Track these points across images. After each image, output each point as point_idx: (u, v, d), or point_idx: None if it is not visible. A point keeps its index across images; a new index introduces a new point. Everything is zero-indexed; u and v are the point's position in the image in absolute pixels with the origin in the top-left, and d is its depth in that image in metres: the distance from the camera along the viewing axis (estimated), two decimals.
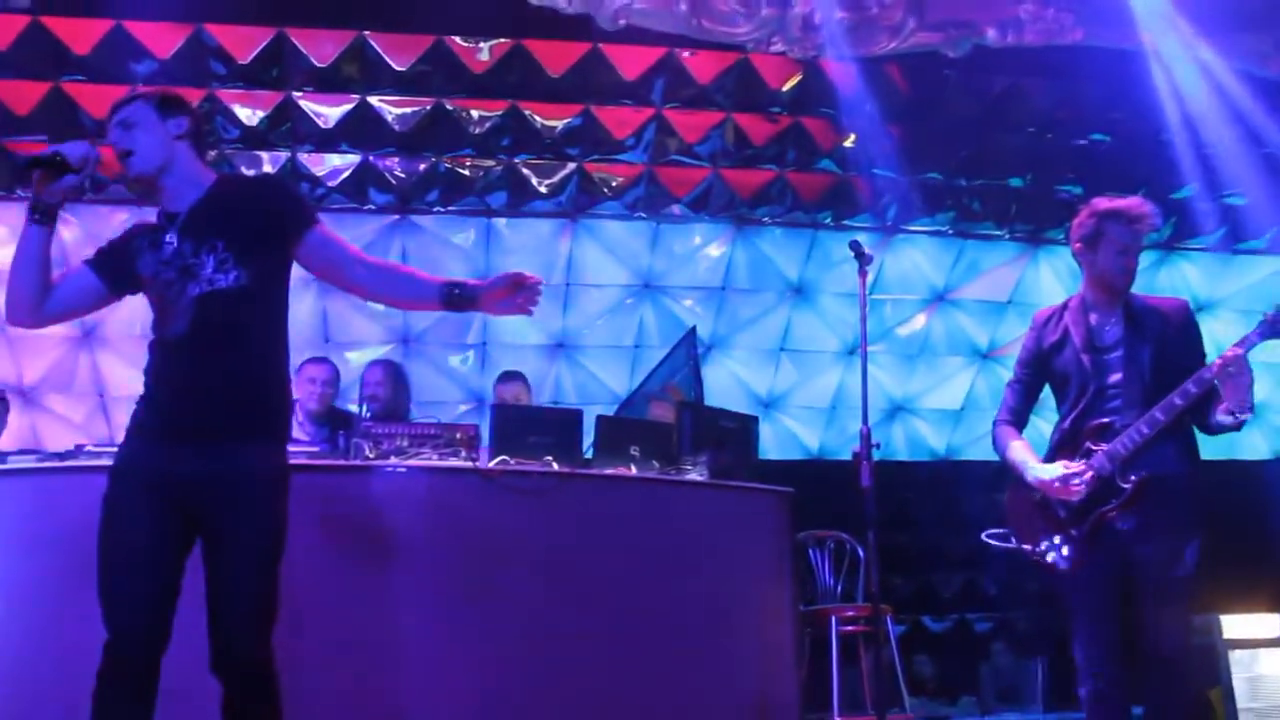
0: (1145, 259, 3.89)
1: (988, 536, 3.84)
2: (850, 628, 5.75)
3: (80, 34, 6.38)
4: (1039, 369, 3.76)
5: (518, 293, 2.90)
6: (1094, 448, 3.54)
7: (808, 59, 6.82)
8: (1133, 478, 3.47)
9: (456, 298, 2.90)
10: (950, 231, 8.09)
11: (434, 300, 2.93)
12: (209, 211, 2.85)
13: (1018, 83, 7.28)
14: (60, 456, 4.11)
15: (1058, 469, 3.56)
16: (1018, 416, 3.81)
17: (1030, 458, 3.68)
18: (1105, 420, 3.56)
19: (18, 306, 2.82)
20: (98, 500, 3.58)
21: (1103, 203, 3.69)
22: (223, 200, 2.87)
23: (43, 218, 2.76)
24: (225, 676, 2.73)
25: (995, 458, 3.68)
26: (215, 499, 2.72)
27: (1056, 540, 3.58)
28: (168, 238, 2.82)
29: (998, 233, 8.13)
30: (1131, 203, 3.66)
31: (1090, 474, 3.51)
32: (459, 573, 4.01)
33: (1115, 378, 3.57)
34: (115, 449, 4.07)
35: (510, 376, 6.38)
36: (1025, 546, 3.67)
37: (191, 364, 2.75)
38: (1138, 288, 3.72)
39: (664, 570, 4.39)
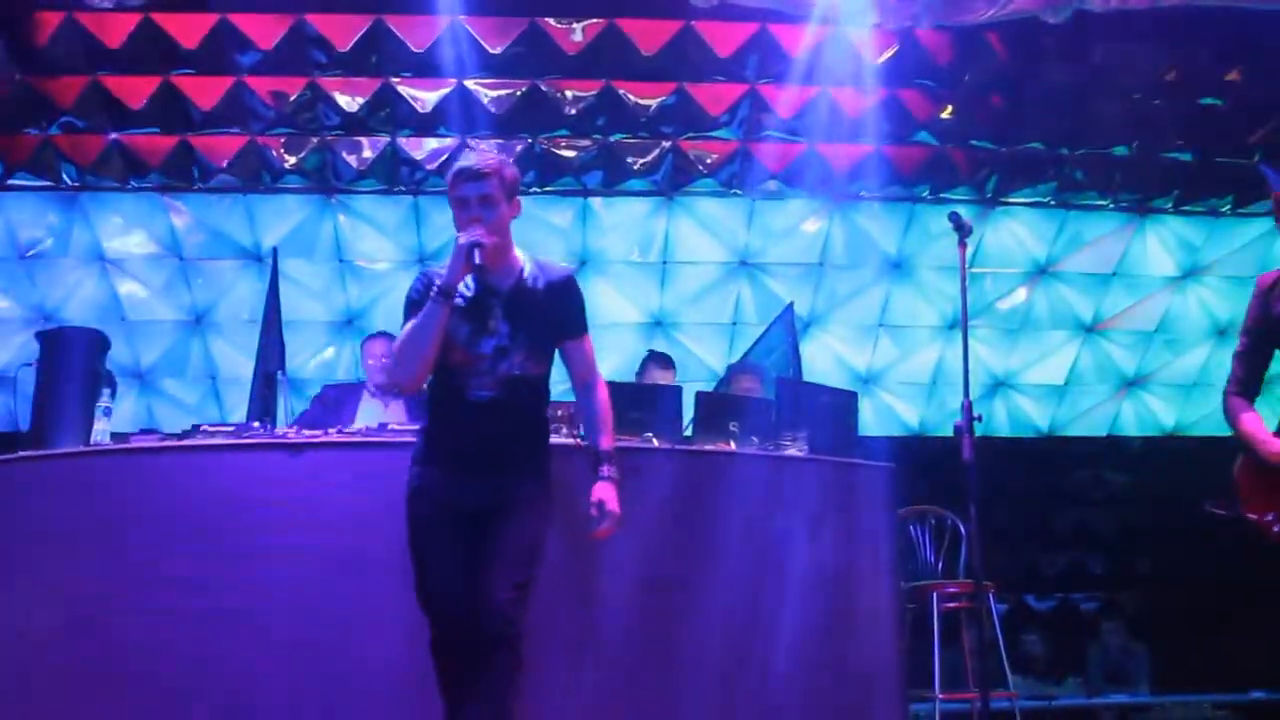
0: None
1: (1210, 507, 3.74)
2: (952, 604, 5.68)
3: (188, 29, 6.59)
4: (1266, 335, 3.63)
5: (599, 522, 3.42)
6: None
7: (903, 30, 6.73)
8: None
9: (598, 474, 3.45)
10: (1052, 202, 7.91)
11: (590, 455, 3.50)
12: (527, 301, 3.33)
13: (1121, 47, 7.08)
14: (179, 436, 4.26)
15: None
16: (1246, 387, 3.68)
17: (1262, 432, 3.57)
18: None
19: (421, 375, 3.28)
20: (218, 477, 3.74)
21: None
22: (536, 295, 3.35)
23: (449, 299, 3.20)
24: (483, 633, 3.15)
25: (1102, 434, 3.55)
26: (497, 513, 3.26)
27: None
28: (495, 319, 3.29)
29: (1101, 202, 7.94)
30: None
31: None
32: (561, 547, 4.06)
33: None
34: (229, 428, 4.26)
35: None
36: (1251, 515, 3.59)
37: (494, 422, 3.30)
38: None
39: (764, 546, 4.39)
